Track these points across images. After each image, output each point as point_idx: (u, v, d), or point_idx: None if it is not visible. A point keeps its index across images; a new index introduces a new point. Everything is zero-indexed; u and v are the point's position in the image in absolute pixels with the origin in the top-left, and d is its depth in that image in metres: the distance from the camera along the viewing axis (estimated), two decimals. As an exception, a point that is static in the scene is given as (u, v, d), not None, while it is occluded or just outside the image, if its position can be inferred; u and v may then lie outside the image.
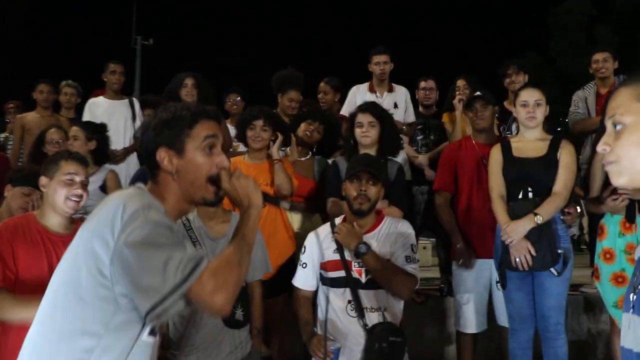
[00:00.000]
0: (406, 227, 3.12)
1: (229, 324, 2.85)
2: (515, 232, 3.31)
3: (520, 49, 21.61)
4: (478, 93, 4.07)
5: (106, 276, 1.50)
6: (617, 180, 1.31)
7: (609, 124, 1.32)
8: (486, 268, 3.80)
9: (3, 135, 6.16)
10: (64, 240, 2.54)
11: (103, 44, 24.62)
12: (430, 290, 4.96)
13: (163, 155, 1.68)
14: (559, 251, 3.34)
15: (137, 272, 1.47)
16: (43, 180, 2.73)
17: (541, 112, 3.50)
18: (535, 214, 3.30)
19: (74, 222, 2.73)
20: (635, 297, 1.32)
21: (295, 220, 4.06)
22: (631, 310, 1.31)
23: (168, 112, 1.73)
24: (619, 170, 1.29)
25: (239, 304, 2.88)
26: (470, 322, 3.86)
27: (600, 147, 1.32)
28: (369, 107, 3.83)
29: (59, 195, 2.65)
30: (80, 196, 2.69)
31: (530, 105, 3.48)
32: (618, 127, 1.29)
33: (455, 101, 4.95)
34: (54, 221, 2.67)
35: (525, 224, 3.31)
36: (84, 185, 2.73)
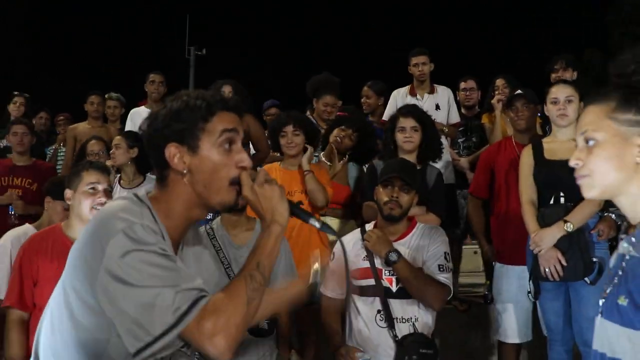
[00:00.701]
0: (439, 234, 3.01)
1: (253, 333, 2.82)
2: (543, 241, 3.14)
3: (575, 45, 20.89)
4: (519, 91, 3.91)
5: (93, 304, 1.34)
6: (588, 193, 1.41)
7: (580, 140, 1.41)
8: (526, 276, 3.55)
9: (52, 147, 6.34)
10: None
11: (159, 55, 25.31)
12: (475, 297, 4.81)
13: (173, 152, 1.45)
14: (594, 259, 3.13)
15: (124, 310, 1.30)
16: (68, 193, 2.79)
17: (573, 110, 3.28)
18: (565, 222, 3.11)
19: None
20: (603, 302, 1.44)
21: (332, 226, 4.00)
22: (599, 315, 1.44)
23: (179, 101, 1.48)
24: (591, 183, 1.39)
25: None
26: (512, 331, 3.67)
27: (572, 162, 1.41)
28: (412, 111, 3.73)
29: (84, 205, 2.70)
30: (105, 204, 2.70)
31: (560, 102, 3.30)
32: (590, 143, 1.38)
33: (494, 101, 4.80)
34: (80, 231, 2.69)
35: (555, 232, 3.13)
36: (108, 192, 2.76)
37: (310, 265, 1.73)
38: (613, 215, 3.34)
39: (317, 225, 1.61)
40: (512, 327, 3.67)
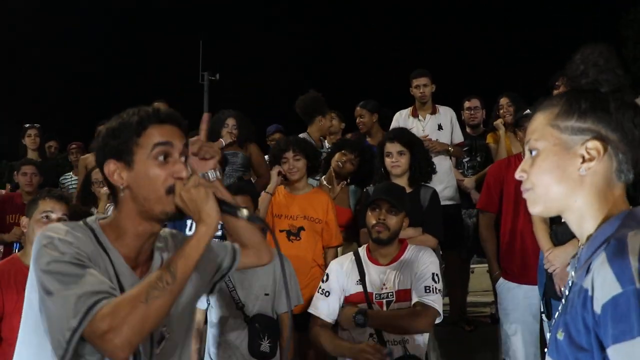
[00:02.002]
0: (428, 255, 2.99)
1: (255, 355, 2.87)
2: (558, 260, 3.08)
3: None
4: (528, 111, 3.89)
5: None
6: (533, 209, 1.27)
7: (526, 150, 1.28)
8: (533, 295, 3.55)
9: (69, 175, 6.43)
10: None
11: (173, 81, 25.66)
12: (483, 317, 4.77)
13: (112, 169, 1.50)
14: None
15: (48, 318, 1.38)
16: (24, 221, 2.77)
17: None
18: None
19: None
20: (549, 336, 1.29)
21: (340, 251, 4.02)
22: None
23: (116, 120, 1.52)
24: (534, 198, 1.25)
25: (265, 335, 2.88)
26: (520, 353, 3.61)
27: (517, 175, 1.28)
28: (397, 135, 3.75)
29: (36, 233, 2.56)
30: None
31: None
32: (533, 153, 1.25)
33: (497, 123, 4.79)
34: None
35: (569, 251, 3.03)
36: (62, 222, 2.67)
37: None
38: None
39: (245, 214, 1.60)
40: (519, 348, 3.62)
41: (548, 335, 3.36)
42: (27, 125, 6.18)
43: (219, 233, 3.73)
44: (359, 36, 37.07)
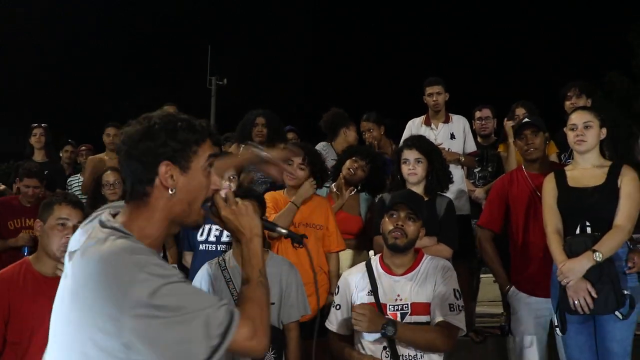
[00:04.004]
0: (447, 270, 2.93)
1: None
2: (572, 272, 3.02)
3: (599, 69, 20.72)
4: (527, 119, 3.85)
5: (115, 348, 1.37)
6: None
7: None
8: (545, 308, 3.52)
9: (77, 177, 6.43)
10: None
11: (180, 85, 25.74)
12: (492, 329, 4.72)
13: (165, 170, 1.50)
14: (625, 292, 3.02)
15: (167, 342, 1.36)
16: (37, 224, 2.67)
17: (592, 135, 3.23)
18: (594, 251, 2.99)
19: None
20: None
21: (345, 258, 3.99)
22: None
23: (169, 121, 1.54)
24: None
25: (270, 346, 2.82)
26: None
27: None
28: (415, 143, 3.70)
29: (52, 241, 2.58)
30: None
31: (579, 127, 3.24)
32: None
33: (507, 123, 4.74)
34: (49, 265, 2.59)
35: (584, 263, 3.01)
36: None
37: None
38: None
39: (284, 232, 1.83)
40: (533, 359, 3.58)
41: (561, 350, 3.35)
42: (34, 124, 6.17)
43: (227, 239, 3.72)
44: (370, 43, 37.13)
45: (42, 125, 6.19)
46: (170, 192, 1.51)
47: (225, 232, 3.67)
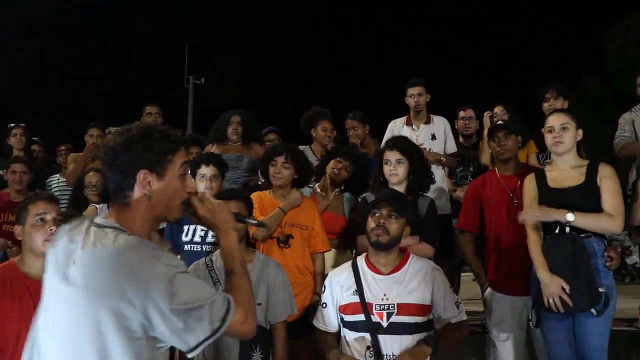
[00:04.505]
0: (437, 270, 3.04)
1: None
2: (536, 211, 3.20)
3: (574, 70, 21.06)
4: (500, 122, 3.98)
5: (137, 330, 1.59)
6: None
7: None
8: (519, 306, 3.66)
9: (56, 177, 6.37)
10: None
11: (158, 85, 25.53)
12: (472, 326, 4.78)
13: (143, 177, 1.71)
14: (600, 290, 3.10)
15: (189, 327, 1.60)
16: (17, 229, 2.68)
17: (569, 137, 3.31)
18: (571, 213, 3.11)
19: None
20: None
21: (328, 257, 4.02)
22: None
23: (146, 134, 1.74)
24: None
25: (257, 346, 2.85)
26: None
27: None
28: (397, 144, 3.75)
29: (35, 238, 2.61)
30: None
31: (556, 129, 3.33)
32: None
33: (487, 114, 4.84)
34: (36, 266, 2.58)
35: (553, 215, 3.16)
36: (58, 221, 2.65)
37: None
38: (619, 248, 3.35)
39: (254, 221, 2.30)
40: (508, 356, 3.69)
41: (537, 346, 3.43)
42: (12, 124, 6.10)
43: (212, 239, 3.72)
44: (370, 43, 37.11)
45: (21, 125, 6.12)
46: (148, 196, 1.72)
47: (211, 233, 3.67)
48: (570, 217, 3.10)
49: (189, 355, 1.66)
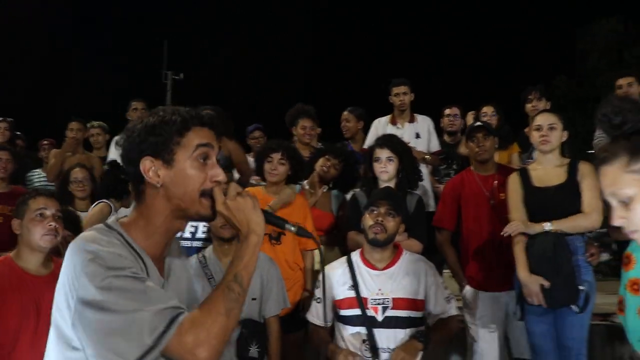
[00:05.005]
0: (429, 267, 3.10)
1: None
2: (519, 227, 3.28)
3: (549, 72, 21.39)
4: (478, 123, 4.06)
5: (73, 339, 1.38)
6: None
7: (612, 200, 1.41)
8: (499, 301, 3.77)
9: (37, 171, 6.32)
10: (46, 280, 2.51)
11: (135, 80, 25.27)
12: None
13: (148, 166, 1.47)
14: (580, 287, 3.21)
15: (100, 338, 1.33)
16: (15, 223, 2.69)
17: (556, 137, 3.43)
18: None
19: (52, 259, 2.70)
20: None
21: (315, 253, 4.05)
22: None
23: (155, 117, 1.50)
24: None
25: (254, 340, 2.87)
26: (487, 356, 3.78)
27: (618, 222, 1.41)
28: (387, 142, 3.81)
29: (33, 233, 2.62)
30: (55, 229, 2.64)
31: (544, 129, 3.43)
32: (626, 200, 1.38)
33: (470, 114, 4.90)
34: (33, 261, 2.62)
35: (533, 228, 3.26)
36: (57, 218, 2.68)
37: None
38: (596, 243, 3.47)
39: (293, 229, 1.63)
40: (487, 350, 3.78)
41: (514, 340, 3.54)
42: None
43: (204, 235, 3.74)
44: (370, 43, 36.98)
45: (8, 119, 6.04)
46: (157, 186, 1.47)
47: (201, 229, 3.69)
48: (547, 226, 3.23)
49: None
